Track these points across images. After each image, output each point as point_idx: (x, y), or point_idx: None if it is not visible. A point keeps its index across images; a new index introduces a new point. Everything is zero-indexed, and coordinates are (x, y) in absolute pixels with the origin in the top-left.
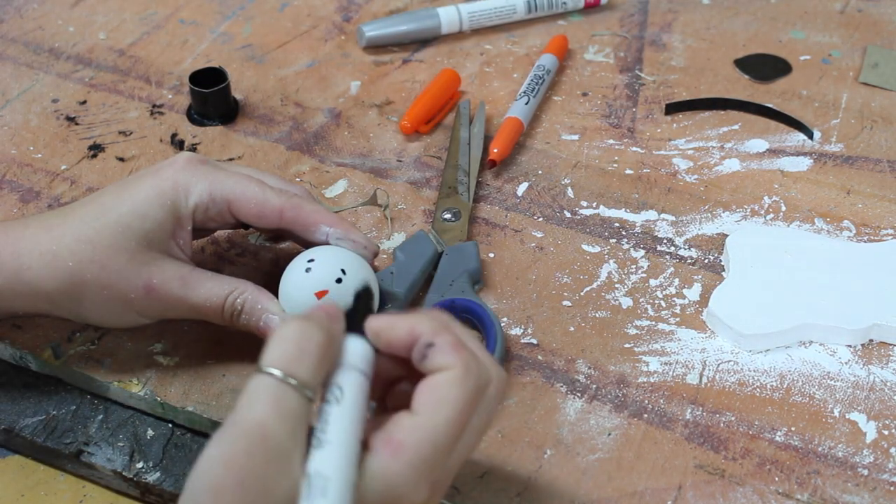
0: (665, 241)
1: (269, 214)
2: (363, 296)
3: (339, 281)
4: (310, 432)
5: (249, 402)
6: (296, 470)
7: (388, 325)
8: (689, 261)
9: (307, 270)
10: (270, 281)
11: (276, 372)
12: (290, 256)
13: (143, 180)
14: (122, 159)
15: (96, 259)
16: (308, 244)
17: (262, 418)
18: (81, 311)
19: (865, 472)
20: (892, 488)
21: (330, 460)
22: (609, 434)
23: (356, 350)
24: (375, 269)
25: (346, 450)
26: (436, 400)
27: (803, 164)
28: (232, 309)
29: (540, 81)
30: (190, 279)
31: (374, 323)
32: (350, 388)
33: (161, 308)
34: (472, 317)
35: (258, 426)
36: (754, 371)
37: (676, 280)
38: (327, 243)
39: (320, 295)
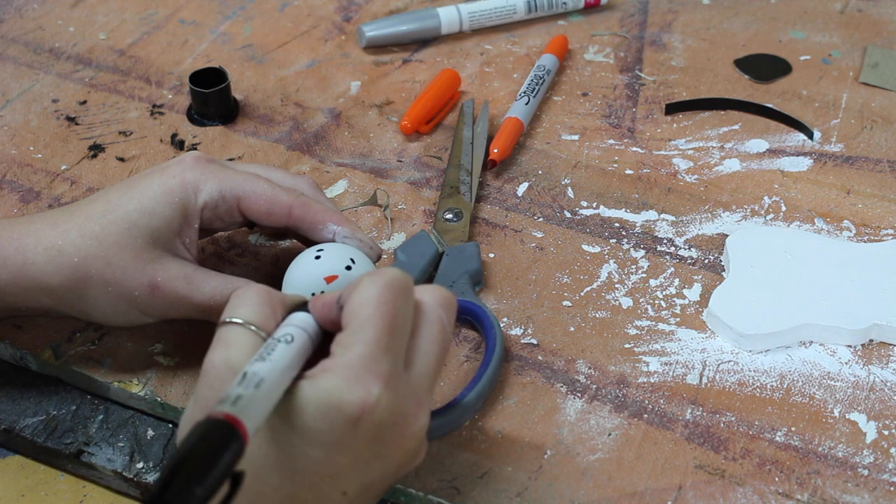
0: (665, 241)
1: (278, 212)
2: None
3: (348, 268)
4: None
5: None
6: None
7: (322, 301)
8: (689, 261)
9: (317, 258)
10: (271, 281)
11: (224, 317)
12: (290, 255)
13: (150, 178)
14: (122, 159)
15: (101, 255)
16: (312, 243)
17: (211, 353)
18: (85, 308)
19: (865, 472)
20: (892, 488)
21: (266, 368)
22: (609, 434)
23: (302, 317)
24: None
25: (281, 365)
26: (348, 311)
27: (803, 164)
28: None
29: (540, 82)
30: (194, 278)
31: (314, 301)
32: (295, 337)
33: (165, 307)
34: (471, 318)
35: (208, 360)
36: (754, 371)
37: (676, 280)
38: (333, 241)
39: (330, 280)
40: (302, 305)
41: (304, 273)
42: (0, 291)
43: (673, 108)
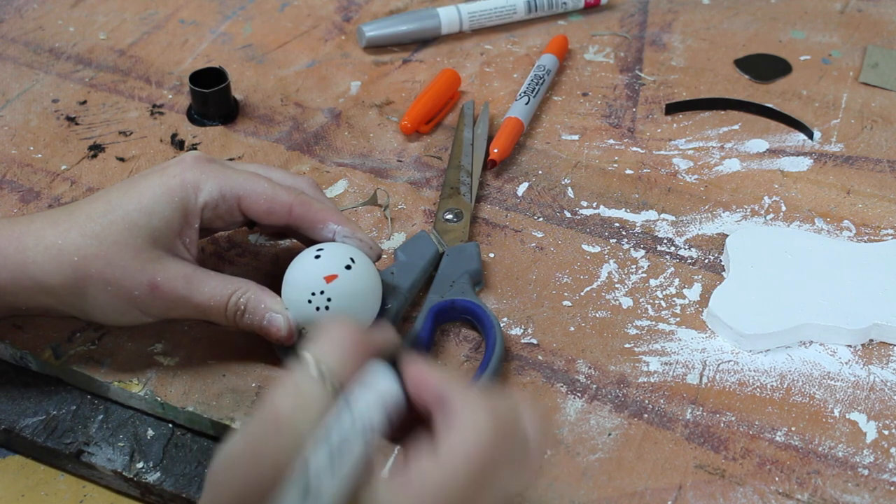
0: (665, 241)
1: (278, 211)
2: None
3: (348, 268)
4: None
5: (276, 386)
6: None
7: (421, 378)
8: (690, 261)
9: (317, 257)
10: (271, 281)
11: (307, 356)
12: (290, 255)
13: (150, 178)
14: (122, 159)
15: (101, 254)
16: (312, 242)
17: (278, 400)
18: (85, 308)
19: (866, 472)
20: (892, 488)
21: (332, 487)
22: (609, 434)
23: (387, 384)
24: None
25: (350, 482)
26: (456, 442)
27: (803, 164)
28: (235, 308)
29: (540, 82)
30: (194, 278)
31: (411, 370)
32: (374, 432)
33: (164, 307)
34: (471, 318)
35: (272, 406)
36: (754, 371)
37: (676, 280)
38: (333, 241)
39: (329, 279)
40: (391, 355)
41: (304, 272)
42: (0, 290)
43: (673, 108)
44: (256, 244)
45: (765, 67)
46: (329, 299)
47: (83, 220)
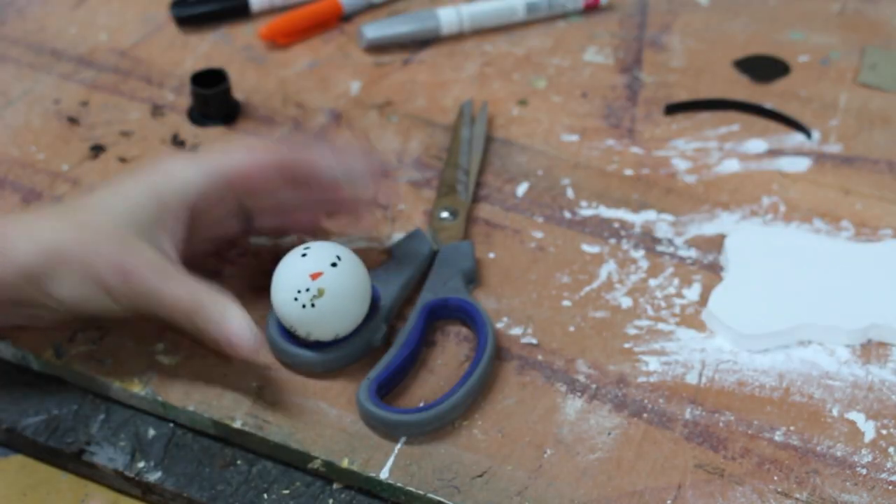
0: (665, 241)
1: (269, 170)
2: None
3: (334, 265)
4: None
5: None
6: None
7: None
8: (689, 261)
9: (303, 255)
10: (271, 281)
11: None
12: None
13: (135, 175)
14: (123, 160)
15: (78, 238)
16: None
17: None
18: (54, 290)
19: (864, 471)
20: (890, 487)
21: None
22: (609, 434)
23: None
24: (370, 267)
25: None
26: None
27: (802, 164)
28: (201, 312)
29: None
30: (167, 273)
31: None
32: None
33: (134, 296)
34: (464, 316)
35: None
36: (753, 371)
37: (676, 280)
38: (338, 182)
39: (315, 276)
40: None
41: (290, 271)
42: None
43: (673, 109)
44: (257, 244)
45: (764, 68)
46: (314, 297)
47: (65, 210)
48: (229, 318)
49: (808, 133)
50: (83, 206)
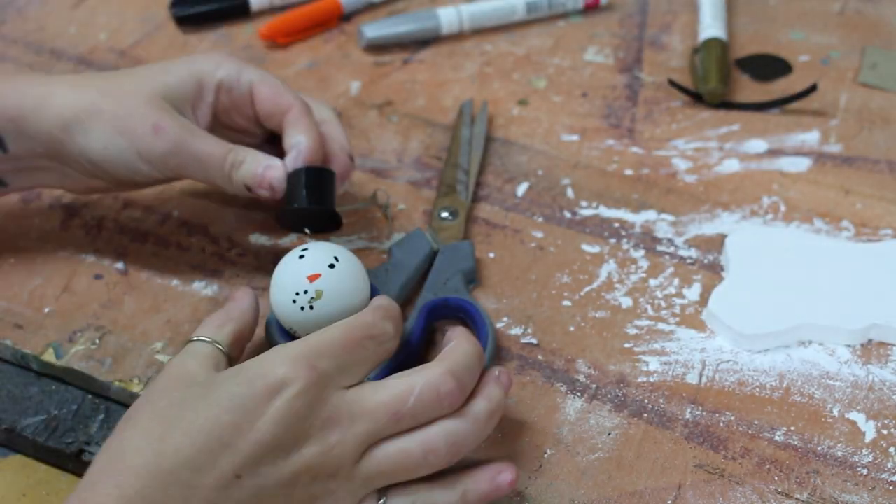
0: (665, 241)
1: (283, 104)
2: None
3: (331, 266)
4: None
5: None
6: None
7: None
8: (689, 261)
9: (301, 257)
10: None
11: (192, 336)
12: None
13: (178, 58)
14: None
15: (116, 95)
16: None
17: (175, 360)
18: (88, 143)
19: (864, 471)
20: (891, 488)
21: None
22: (609, 434)
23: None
24: (370, 267)
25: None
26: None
27: (802, 164)
28: (234, 158)
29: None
30: (196, 131)
31: None
32: None
33: (164, 150)
34: (464, 316)
35: (170, 365)
36: (754, 371)
37: (676, 280)
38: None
39: (313, 278)
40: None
41: (288, 273)
42: (23, 120)
43: (675, 86)
44: (257, 244)
45: (765, 67)
46: (312, 298)
47: (109, 74)
48: (261, 160)
49: (813, 88)
50: (127, 72)
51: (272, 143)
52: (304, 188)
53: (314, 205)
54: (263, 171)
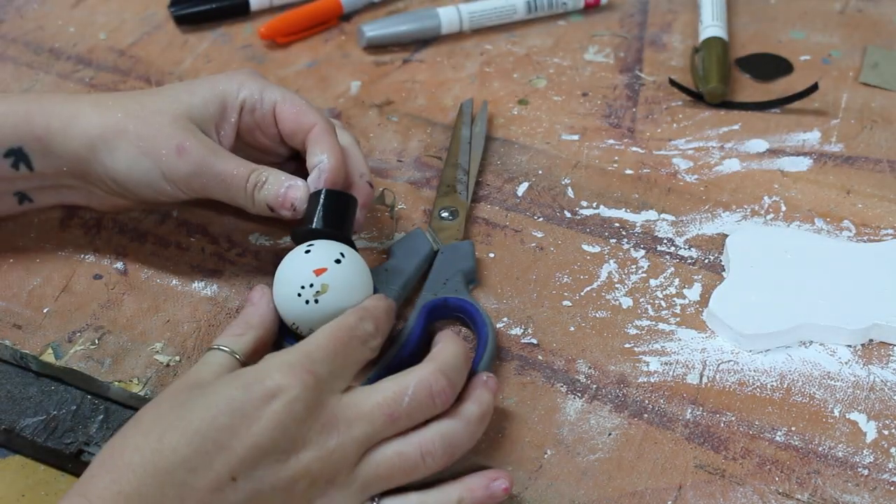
0: (665, 241)
1: (306, 123)
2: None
3: (338, 262)
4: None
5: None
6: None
7: None
8: (689, 261)
9: (307, 252)
10: (271, 281)
11: (213, 343)
12: None
13: (202, 77)
14: None
15: (141, 116)
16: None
17: (193, 368)
18: (113, 163)
19: (865, 471)
20: (892, 488)
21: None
22: (609, 434)
23: None
24: (370, 266)
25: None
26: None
27: (803, 164)
28: (256, 179)
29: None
30: (220, 151)
31: None
32: None
33: (188, 171)
34: (464, 316)
35: (187, 372)
36: (754, 371)
37: (676, 280)
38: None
39: (319, 272)
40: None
41: (294, 266)
42: (50, 140)
43: (676, 85)
44: (257, 244)
45: (766, 67)
46: (318, 292)
47: (135, 94)
48: (283, 180)
49: (814, 87)
50: (152, 92)
51: (297, 161)
52: (321, 210)
53: (329, 229)
54: (286, 190)
